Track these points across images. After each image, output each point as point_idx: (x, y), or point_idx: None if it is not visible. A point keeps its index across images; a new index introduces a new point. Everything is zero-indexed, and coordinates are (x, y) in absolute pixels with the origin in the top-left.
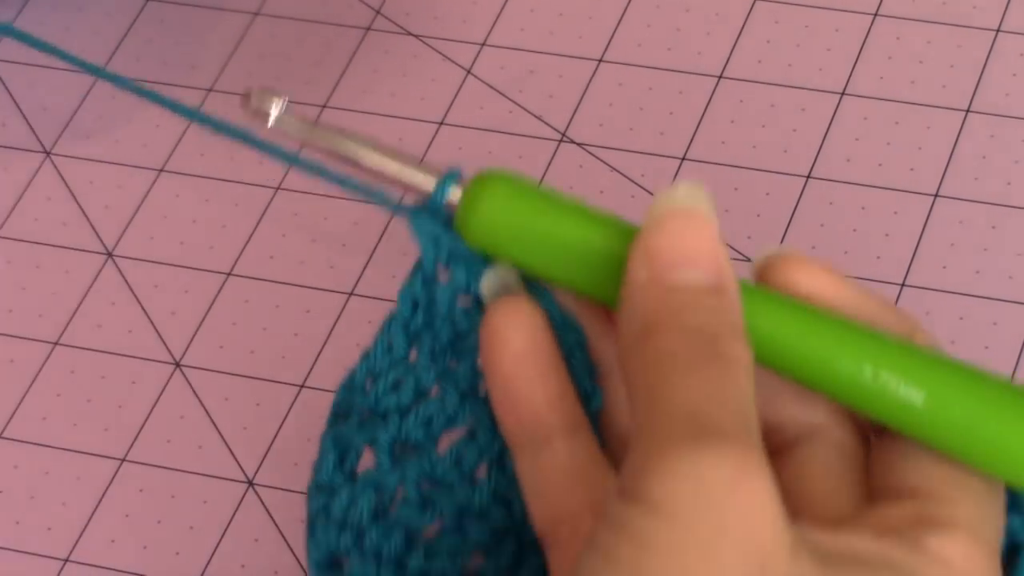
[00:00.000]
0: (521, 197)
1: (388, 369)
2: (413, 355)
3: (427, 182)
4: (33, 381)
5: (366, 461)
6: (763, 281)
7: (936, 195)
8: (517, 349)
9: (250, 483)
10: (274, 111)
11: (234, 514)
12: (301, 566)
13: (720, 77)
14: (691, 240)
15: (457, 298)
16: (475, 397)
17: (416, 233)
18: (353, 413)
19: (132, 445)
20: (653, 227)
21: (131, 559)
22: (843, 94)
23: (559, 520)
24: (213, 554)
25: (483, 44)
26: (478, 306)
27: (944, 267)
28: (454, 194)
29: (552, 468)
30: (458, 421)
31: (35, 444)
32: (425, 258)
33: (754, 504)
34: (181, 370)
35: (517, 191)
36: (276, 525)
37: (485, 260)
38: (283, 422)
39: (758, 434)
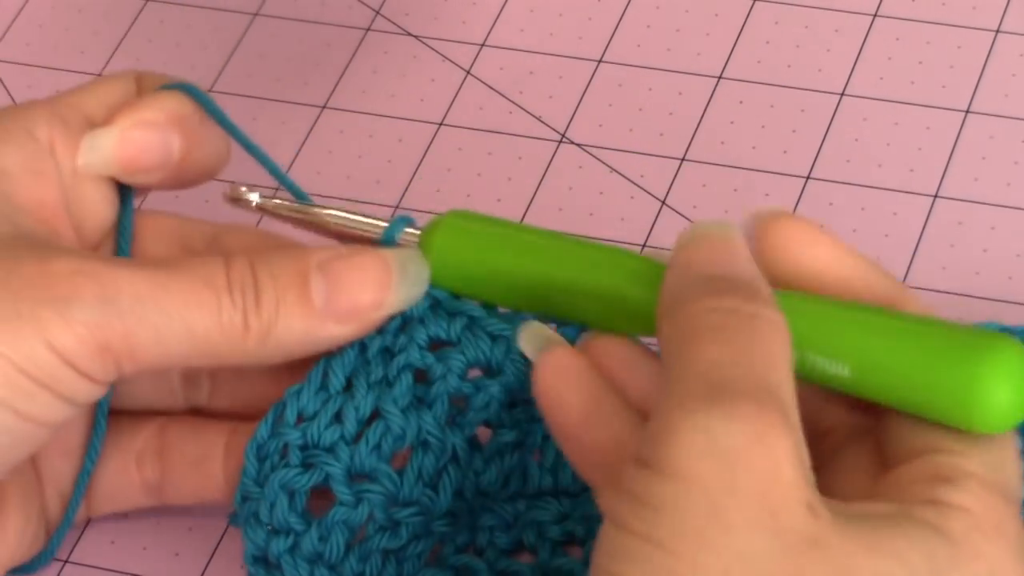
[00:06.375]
0: (469, 241)
1: (325, 403)
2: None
3: (377, 231)
4: None
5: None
6: (762, 242)
7: (936, 196)
8: (576, 409)
9: None
10: (254, 197)
11: None
12: None
13: (720, 78)
14: (721, 255)
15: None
16: (416, 409)
17: None
18: (290, 452)
19: None
20: (690, 244)
21: (131, 559)
22: (843, 95)
23: None
24: (213, 555)
25: (482, 45)
26: (404, 321)
27: (944, 268)
28: (405, 237)
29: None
30: (407, 438)
31: None
32: None
33: (768, 462)
34: None
35: (462, 237)
36: None
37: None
38: None
39: (786, 392)
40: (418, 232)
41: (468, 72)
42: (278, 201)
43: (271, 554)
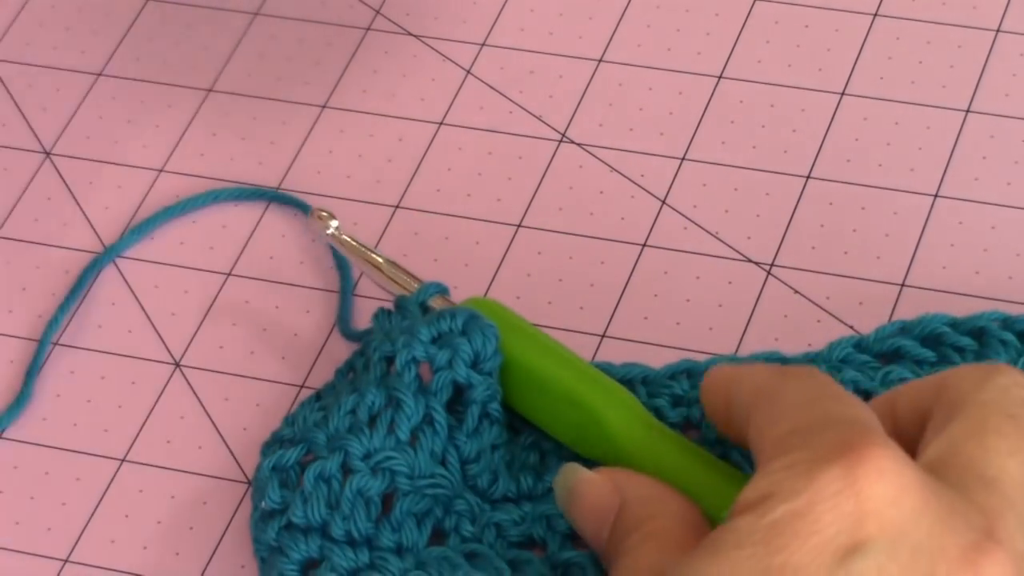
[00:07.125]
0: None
1: (315, 398)
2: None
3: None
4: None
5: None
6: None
7: (936, 195)
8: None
9: (249, 483)
10: (330, 227)
11: (234, 514)
12: None
13: (720, 77)
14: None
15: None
16: (387, 378)
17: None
18: (283, 441)
19: (132, 445)
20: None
21: (131, 559)
22: (843, 94)
23: None
24: (213, 554)
25: (483, 44)
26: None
27: (944, 267)
28: (434, 301)
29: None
30: (376, 405)
31: (35, 444)
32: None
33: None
34: (181, 370)
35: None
36: None
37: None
38: None
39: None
40: (441, 299)
41: (468, 72)
42: (347, 237)
43: (271, 540)
